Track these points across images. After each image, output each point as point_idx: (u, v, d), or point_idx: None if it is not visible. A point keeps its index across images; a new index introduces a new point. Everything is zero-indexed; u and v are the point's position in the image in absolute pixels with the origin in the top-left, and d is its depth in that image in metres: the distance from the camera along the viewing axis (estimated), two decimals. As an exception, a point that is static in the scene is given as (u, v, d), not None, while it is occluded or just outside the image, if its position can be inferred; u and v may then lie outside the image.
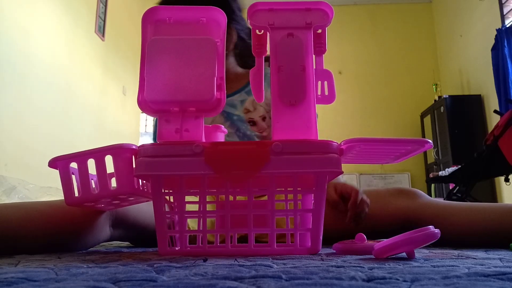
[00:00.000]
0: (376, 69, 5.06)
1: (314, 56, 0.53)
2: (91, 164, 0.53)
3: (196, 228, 0.69)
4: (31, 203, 0.62)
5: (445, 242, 0.64)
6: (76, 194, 0.54)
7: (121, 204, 0.60)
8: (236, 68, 0.99)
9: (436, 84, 4.64)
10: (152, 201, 0.62)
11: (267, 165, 0.47)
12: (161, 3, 0.87)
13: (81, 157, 0.53)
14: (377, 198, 0.75)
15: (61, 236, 0.58)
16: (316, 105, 0.51)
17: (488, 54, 3.70)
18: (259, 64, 0.56)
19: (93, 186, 0.55)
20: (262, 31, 0.55)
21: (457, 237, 0.66)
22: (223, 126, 0.68)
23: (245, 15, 0.76)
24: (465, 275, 0.30)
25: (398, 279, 0.28)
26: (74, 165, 0.55)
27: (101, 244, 0.85)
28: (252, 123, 0.93)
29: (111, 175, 0.53)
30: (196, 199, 0.53)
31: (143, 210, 0.68)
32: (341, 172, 0.49)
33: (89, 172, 0.54)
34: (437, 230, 0.42)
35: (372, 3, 5.18)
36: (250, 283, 0.27)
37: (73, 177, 0.55)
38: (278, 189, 0.54)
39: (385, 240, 0.44)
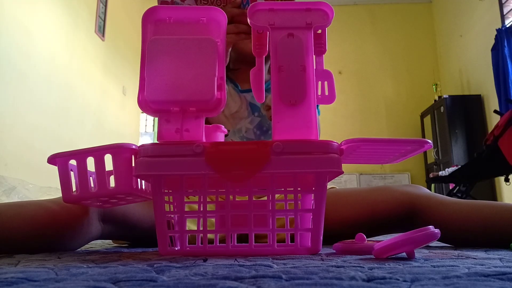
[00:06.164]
0: (376, 69, 5.06)
1: (314, 56, 0.53)
2: (90, 162, 0.53)
3: (194, 228, 0.69)
4: (20, 202, 0.62)
5: (448, 233, 0.64)
6: (74, 191, 0.54)
7: (119, 203, 0.60)
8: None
9: (436, 84, 4.64)
10: (147, 201, 0.62)
11: (268, 165, 0.47)
12: None
13: (80, 154, 0.53)
14: (384, 187, 0.77)
15: (53, 233, 0.58)
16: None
17: (488, 54, 3.70)
18: (259, 64, 0.56)
19: (92, 184, 0.55)
20: (262, 31, 0.55)
21: (459, 228, 0.65)
22: (223, 126, 0.68)
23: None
24: (465, 275, 0.30)
25: (398, 279, 0.28)
26: (73, 162, 0.55)
27: (101, 245, 0.85)
28: None
29: (110, 173, 0.53)
30: (196, 199, 0.53)
31: (133, 206, 0.68)
32: (342, 172, 0.49)
33: (88, 169, 0.54)
34: (437, 230, 0.42)
35: (372, 3, 5.18)
36: (250, 283, 0.27)
37: (72, 174, 0.55)
38: (278, 189, 0.54)
39: (385, 240, 0.44)
